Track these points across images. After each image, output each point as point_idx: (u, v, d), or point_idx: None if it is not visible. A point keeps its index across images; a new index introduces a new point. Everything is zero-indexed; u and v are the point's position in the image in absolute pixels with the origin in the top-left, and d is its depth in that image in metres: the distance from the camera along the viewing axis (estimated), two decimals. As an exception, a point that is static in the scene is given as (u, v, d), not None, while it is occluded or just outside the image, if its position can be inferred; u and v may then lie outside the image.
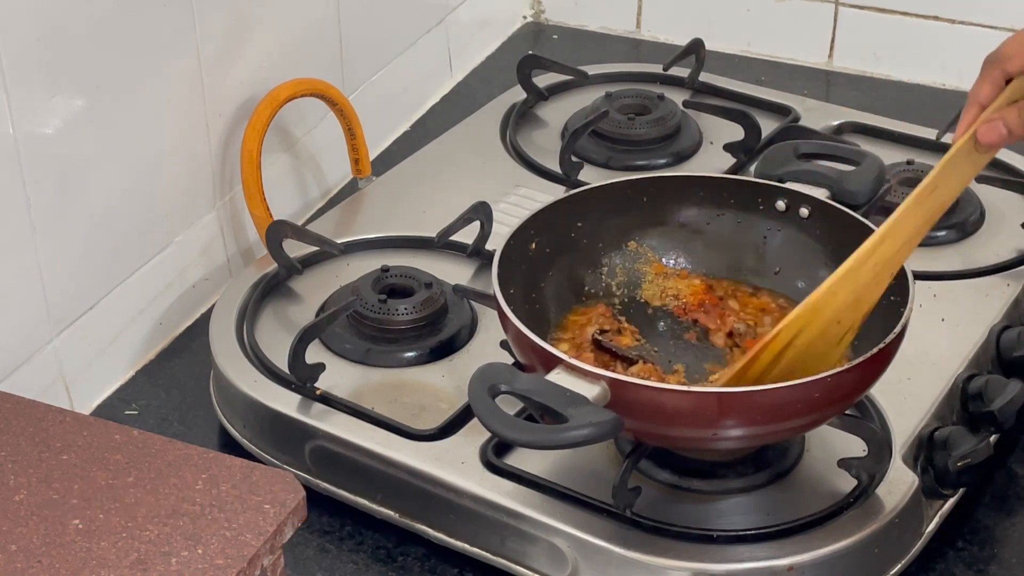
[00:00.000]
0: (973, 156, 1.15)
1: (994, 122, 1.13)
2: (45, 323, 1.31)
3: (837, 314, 1.16)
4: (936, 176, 1.15)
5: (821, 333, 1.16)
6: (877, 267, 1.15)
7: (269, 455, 1.29)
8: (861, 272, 1.15)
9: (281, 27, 1.56)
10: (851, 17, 1.91)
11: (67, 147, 1.29)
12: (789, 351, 1.15)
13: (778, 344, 1.15)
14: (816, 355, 1.16)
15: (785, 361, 1.15)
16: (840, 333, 1.17)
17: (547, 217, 1.28)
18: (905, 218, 1.15)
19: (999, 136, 1.13)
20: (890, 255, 1.15)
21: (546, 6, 2.07)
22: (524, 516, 1.18)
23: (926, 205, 1.16)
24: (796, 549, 1.14)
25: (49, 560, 0.95)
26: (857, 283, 1.15)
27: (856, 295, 1.16)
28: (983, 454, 1.21)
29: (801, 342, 1.15)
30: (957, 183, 1.16)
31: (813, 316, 1.15)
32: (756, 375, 1.16)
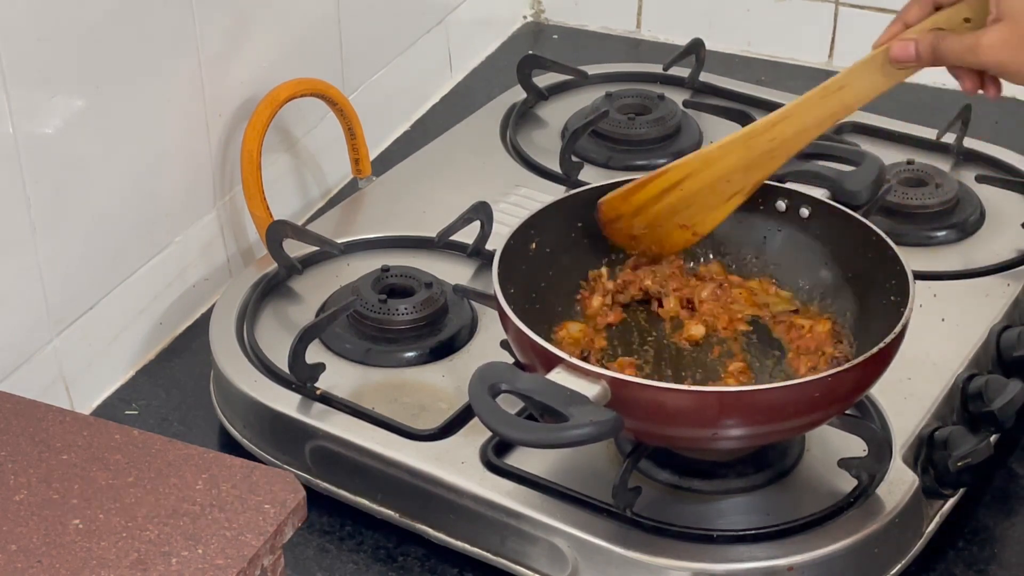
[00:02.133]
0: (886, 68, 1.20)
1: (908, 42, 1.18)
2: (45, 323, 1.31)
3: (727, 172, 1.25)
4: (846, 75, 1.21)
5: (710, 184, 1.26)
6: (773, 143, 1.24)
7: (269, 455, 1.29)
8: (755, 141, 1.24)
9: (281, 27, 1.56)
10: (851, 17, 1.91)
11: (67, 147, 1.29)
12: (675, 191, 1.26)
13: (667, 180, 1.26)
14: (702, 204, 1.26)
15: (670, 198, 1.26)
16: (728, 192, 1.26)
17: (547, 217, 1.28)
18: (808, 105, 1.23)
19: (907, 55, 1.18)
20: (788, 135, 1.23)
21: (546, 6, 2.07)
22: (524, 516, 1.18)
23: (830, 100, 1.22)
24: (796, 549, 1.14)
25: (49, 560, 0.95)
26: (750, 151, 1.24)
27: (748, 160, 1.25)
28: (983, 454, 1.21)
29: (688, 186, 1.26)
30: (864, 89, 1.21)
31: (703, 166, 1.25)
32: (639, 203, 1.26)
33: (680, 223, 1.28)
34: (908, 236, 1.47)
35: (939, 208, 1.50)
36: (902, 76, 1.21)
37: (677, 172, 1.26)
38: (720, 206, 1.27)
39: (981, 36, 1.15)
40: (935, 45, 1.17)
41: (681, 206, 1.27)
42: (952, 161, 1.61)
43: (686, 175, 1.26)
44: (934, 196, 1.51)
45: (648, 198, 1.27)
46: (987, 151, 1.62)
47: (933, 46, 1.18)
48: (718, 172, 1.26)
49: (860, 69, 1.21)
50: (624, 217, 1.28)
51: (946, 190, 1.51)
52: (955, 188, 1.52)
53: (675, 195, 1.26)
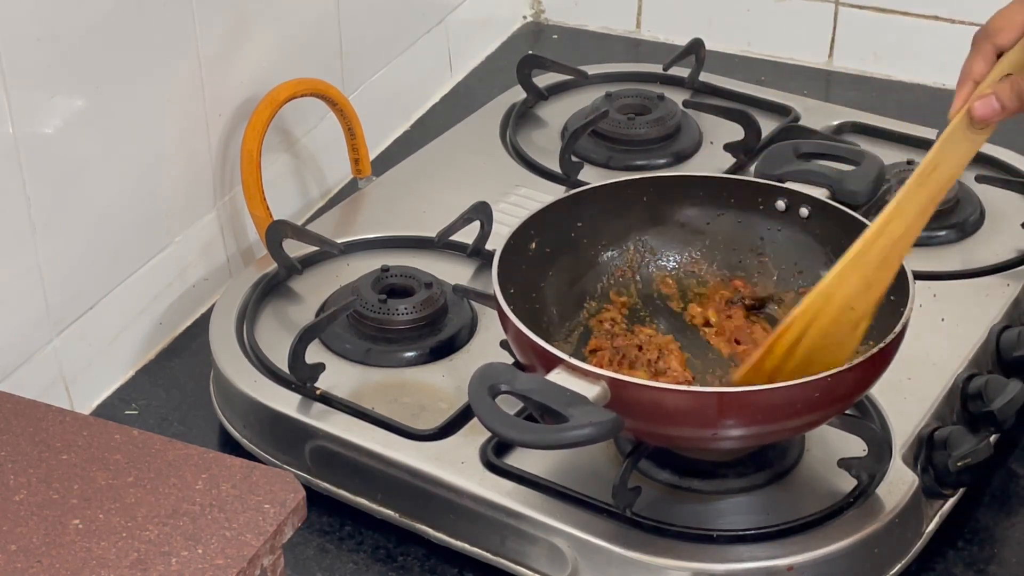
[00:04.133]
0: (970, 133, 1.15)
1: (987, 97, 1.14)
2: (45, 323, 1.31)
3: (849, 300, 1.16)
4: (935, 155, 1.15)
5: (834, 320, 1.16)
6: (884, 250, 1.15)
7: (269, 455, 1.29)
8: (869, 256, 1.16)
9: (281, 27, 1.56)
10: (851, 17, 1.91)
11: (67, 147, 1.29)
12: (804, 341, 1.16)
13: (792, 334, 1.16)
14: (832, 344, 1.16)
15: (801, 351, 1.16)
16: (855, 320, 1.16)
17: (547, 217, 1.28)
18: (909, 198, 1.15)
19: (993, 111, 1.14)
20: (896, 237, 1.15)
21: (546, 6, 2.07)
22: (524, 516, 1.18)
23: (928, 185, 1.15)
24: (796, 549, 1.14)
25: (49, 560, 0.95)
26: (866, 267, 1.16)
27: (866, 280, 1.16)
28: (983, 454, 1.21)
29: (815, 331, 1.16)
30: (957, 161, 1.16)
31: (824, 303, 1.16)
32: (772, 367, 1.16)
33: (816, 371, 1.12)
34: (908, 236, 1.47)
35: (939, 208, 1.49)
36: (987, 135, 1.16)
37: (801, 321, 1.16)
38: (849, 337, 1.17)
39: None
40: (1018, 90, 1.13)
41: (813, 353, 1.16)
42: (952, 161, 1.61)
43: (810, 320, 1.16)
44: (934, 196, 1.50)
45: (778, 361, 1.16)
46: (987, 151, 1.62)
47: (1017, 92, 1.13)
48: (840, 303, 1.16)
49: (946, 144, 1.15)
50: None
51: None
52: (955, 188, 1.52)
53: (804, 346, 1.16)
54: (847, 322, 1.16)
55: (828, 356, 1.15)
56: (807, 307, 1.16)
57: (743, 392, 1.12)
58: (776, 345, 1.16)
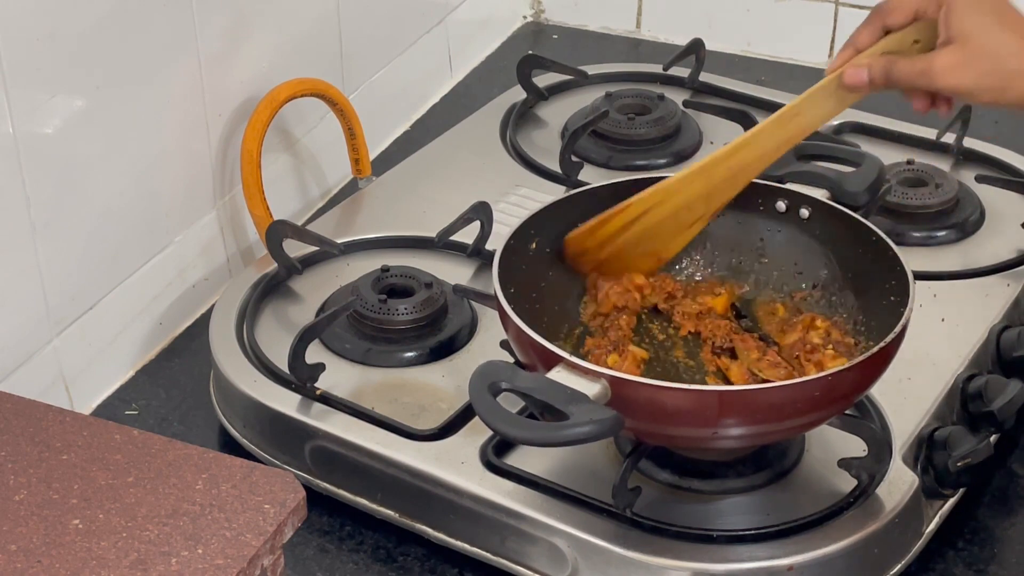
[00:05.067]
0: (839, 93, 1.22)
1: (861, 68, 1.20)
2: (45, 323, 1.31)
3: (689, 201, 1.27)
4: (801, 102, 1.23)
5: (672, 214, 1.27)
6: (732, 170, 1.26)
7: (269, 455, 1.29)
8: (716, 170, 1.26)
9: (281, 27, 1.56)
10: (851, 17, 1.91)
11: (67, 147, 1.29)
12: (638, 223, 1.27)
13: (629, 214, 1.27)
14: (665, 232, 1.28)
15: (634, 230, 1.27)
16: (690, 219, 1.28)
17: (547, 217, 1.28)
18: (767, 133, 1.25)
19: (860, 81, 1.20)
20: (747, 162, 1.25)
21: (546, 6, 2.07)
22: (524, 516, 1.18)
23: (787, 127, 1.24)
24: (796, 549, 1.14)
25: (49, 560, 0.95)
26: (711, 179, 1.26)
27: (709, 189, 1.27)
28: (983, 454, 1.21)
29: (650, 218, 1.27)
30: (819, 114, 1.24)
31: (665, 197, 1.27)
32: (603, 237, 1.27)
33: (644, 251, 1.29)
34: (908, 236, 1.47)
35: (939, 208, 1.50)
36: (854, 99, 1.23)
37: (640, 205, 1.27)
38: (683, 232, 1.29)
39: (933, 60, 1.16)
40: (888, 70, 1.19)
41: (644, 236, 1.28)
42: (952, 161, 1.61)
43: (648, 208, 1.27)
44: (934, 196, 1.51)
45: (612, 232, 1.27)
46: (987, 151, 1.62)
47: (886, 71, 1.19)
48: (679, 202, 1.27)
49: (814, 96, 1.23)
50: (589, 251, 1.29)
51: (946, 190, 1.51)
52: (955, 188, 1.52)
53: (638, 227, 1.27)
54: (683, 219, 1.28)
55: (657, 243, 1.29)
56: (648, 195, 1.27)
57: (743, 391, 1.12)
58: (613, 218, 1.26)
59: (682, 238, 1.29)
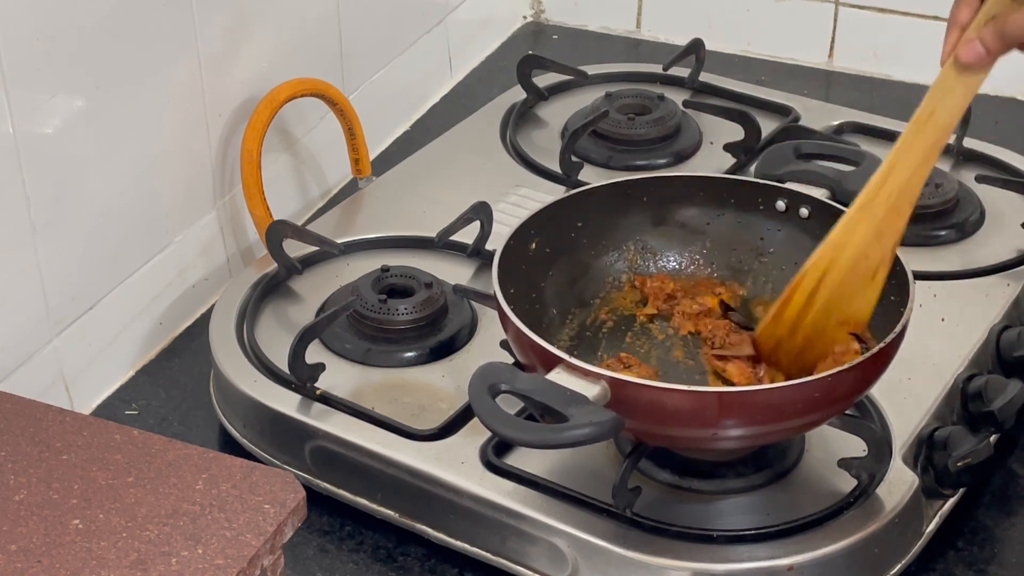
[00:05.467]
0: (963, 79, 1.15)
1: (972, 42, 1.13)
2: (45, 323, 1.31)
3: (862, 248, 1.18)
4: (929, 101, 1.16)
5: (851, 269, 1.18)
6: (891, 197, 1.17)
7: (269, 455, 1.29)
8: (875, 205, 1.17)
9: (281, 27, 1.56)
10: (851, 17, 1.91)
11: (67, 147, 1.29)
12: (822, 290, 1.18)
13: (807, 285, 1.18)
14: (851, 292, 1.18)
15: (819, 301, 1.18)
16: (871, 268, 1.18)
17: (547, 217, 1.28)
18: (908, 145, 1.16)
19: (978, 55, 1.13)
20: (902, 184, 1.16)
21: (546, 6, 2.07)
22: (524, 516, 1.18)
23: (926, 131, 1.16)
24: (796, 549, 1.14)
25: (49, 560, 0.95)
26: (874, 217, 1.17)
27: (876, 228, 1.17)
28: (983, 454, 1.21)
29: (832, 280, 1.18)
30: (954, 105, 1.16)
31: (836, 253, 1.18)
32: (792, 317, 1.19)
33: (838, 320, 1.19)
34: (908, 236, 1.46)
35: (939, 208, 1.50)
36: (981, 80, 1.15)
37: (814, 272, 1.18)
38: (869, 285, 1.19)
39: None
40: (1000, 32, 1.12)
41: (832, 303, 1.19)
42: (952, 161, 1.61)
43: (824, 271, 1.18)
44: (934, 196, 1.51)
45: (798, 310, 1.19)
46: (987, 151, 1.62)
47: (999, 34, 1.12)
48: (853, 253, 1.18)
49: (938, 89, 1.16)
50: (783, 341, 1.21)
51: (946, 190, 1.51)
52: (955, 188, 1.52)
53: (822, 295, 1.19)
54: (864, 270, 1.18)
55: (849, 305, 1.18)
56: (818, 258, 1.18)
57: (743, 392, 1.12)
58: (794, 296, 1.18)
59: (871, 292, 1.19)
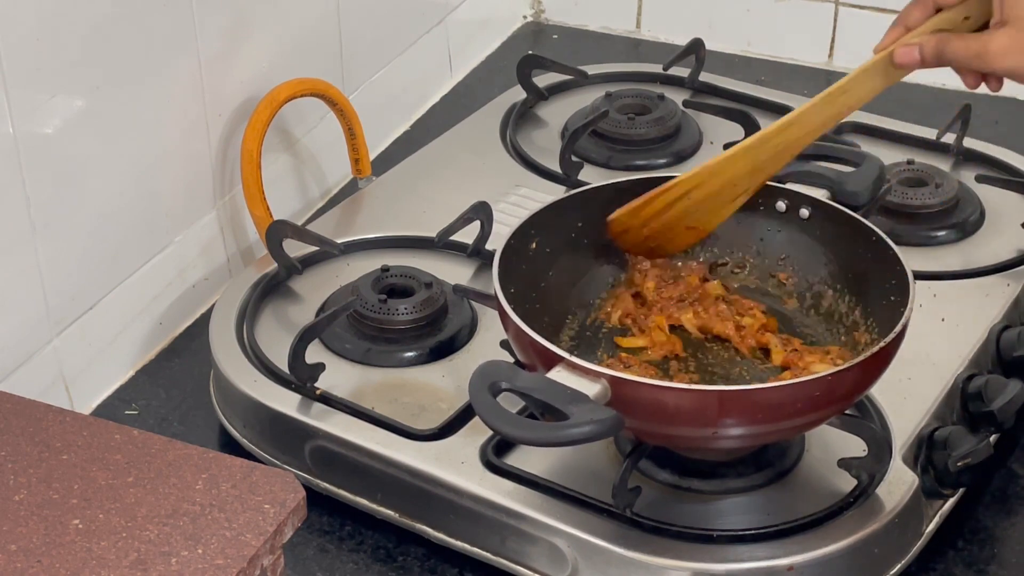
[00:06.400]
0: (888, 71, 1.22)
1: (912, 47, 1.19)
2: (45, 323, 1.31)
3: (734, 179, 1.27)
4: (850, 80, 1.23)
5: (717, 191, 1.28)
6: (779, 147, 1.26)
7: (269, 455, 1.29)
8: (763, 148, 1.26)
9: (281, 27, 1.56)
10: (851, 17, 1.91)
11: (67, 147, 1.29)
12: (683, 201, 1.28)
13: (673, 194, 1.28)
14: (708, 207, 1.29)
15: (678, 207, 1.28)
16: (734, 194, 1.28)
17: (547, 217, 1.28)
18: (814, 110, 1.25)
19: (912, 60, 1.20)
20: (793, 139, 1.26)
21: (546, 6, 2.07)
22: (524, 516, 1.18)
23: (834, 104, 1.25)
24: (796, 549, 1.14)
25: (49, 560, 0.95)
26: (758, 156, 1.27)
27: (755, 165, 1.27)
28: (983, 454, 1.21)
29: (696, 195, 1.28)
30: (868, 91, 1.24)
31: (710, 177, 1.27)
32: (647, 216, 1.28)
33: (687, 225, 1.30)
34: (908, 236, 1.47)
35: (939, 208, 1.50)
36: (901, 76, 1.22)
37: (684, 185, 1.27)
38: (726, 206, 1.29)
39: (988, 42, 1.15)
40: (940, 49, 1.18)
41: (688, 213, 1.29)
42: (952, 161, 1.61)
43: (692, 187, 1.27)
44: (934, 196, 1.51)
45: (655, 211, 1.28)
46: (987, 151, 1.62)
47: (938, 50, 1.18)
48: (725, 179, 1.27)
49: (863, 74, 1.22)
50: (632, 230, 1.30)
51: (946, 190, 1.51)
52: (955, 188, 1.52)
53: (682, 204, 1.28)
54: (727, 195, 1.28)
55: (701, 217, 1.29)
56: (693, 174, 1.27)
57: (743, 391, 1.12)
58: (657, 199, 1.28)
59: (725, 211, 1.30)
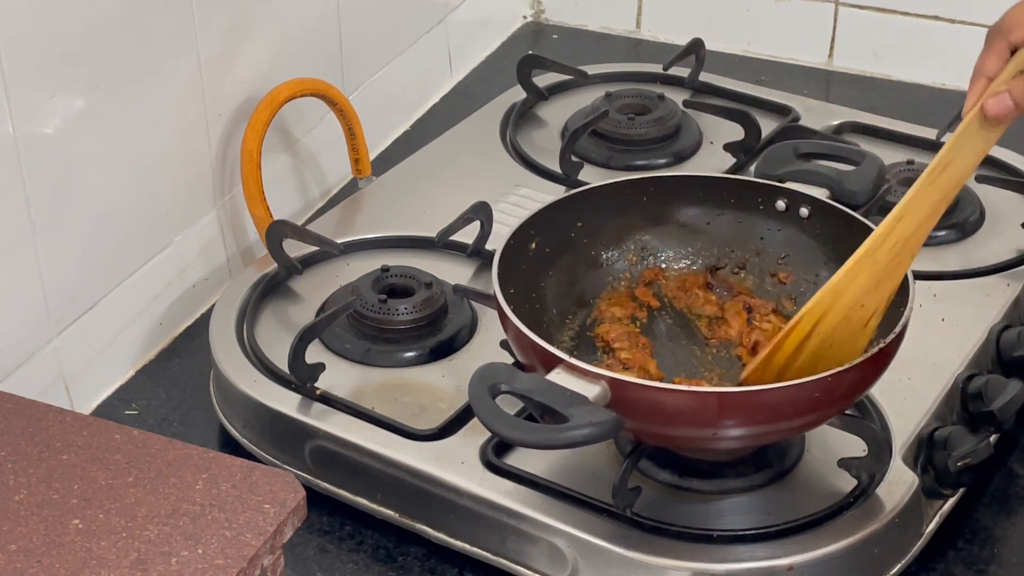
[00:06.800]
0: (984, 130, 1.13)
1: (1001, 95, 1.11)
2: (45, 323, 1.31)
3: (859, 298, 1.16)
4: (947, 153, 1.14)
5: (844, 318, 1.16)
6: (895, 248, 1.15)
7: (269, 455, 1.29)
8: (879, 254, 1.15)
9: (281, 27, 1.56)
10: (851, 17, 1.91)
11: (67, 147, 1.29)
12: (813, 337, 1.17)
13: (801, 331, 1.17)
14: (841, 340, 1.17)
15: (810, 348, 1.17)
16: (865, 317, 1.17)
17: (547, 217, 1.28)
18: (920, 197, 1.14)
19: (1006, 108, 1.11)
20: (907, 235, 1.15)
21: (546, 6, 2.07)
22: (524, 516, 1.18)
23: (939, 183, 1.14)
24: (796, 549, 1.14)
25: (49, 560, 0.95)
26: (876, 265, 1.16)
27: (876, 277, 1.16)
28: (983, 454, 1.21)
29: (824, 328, 1.16)
30: (970, 158, 1.14)
31: (833, 301, 1.16)
32: (781, 363, 1.17)
33: (825, 368, 1.13)
34: (908, 236, 1.47)
35: (939, 208, 1.50)
36: (1000, 132, 1.13)
37: (810, 318, 1.16)
38: (860, 332, 1.18)
39: None
40: None
41: (822, 350, 1.17)
42: (952, 161, 1.61)
43: (820, 317, 1.16)
44: (934, 196, 1.50)
45: (788, 356, 1.17)
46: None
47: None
48: (850, 300, 1.16)
49: (959, 141, 1.13)
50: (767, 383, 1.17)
51: (946, 190, 1.51)
52: (956, 188, 1.52)
53: (814, 342, 1.17)
54: (857, 319, 1.17)
55: (838, 352, 1.16)
56: (816, 303, 1.16)
57: (743, 392, 1.12)
58: (786, 342, 1.17)
59: (862, 339, 1.17)
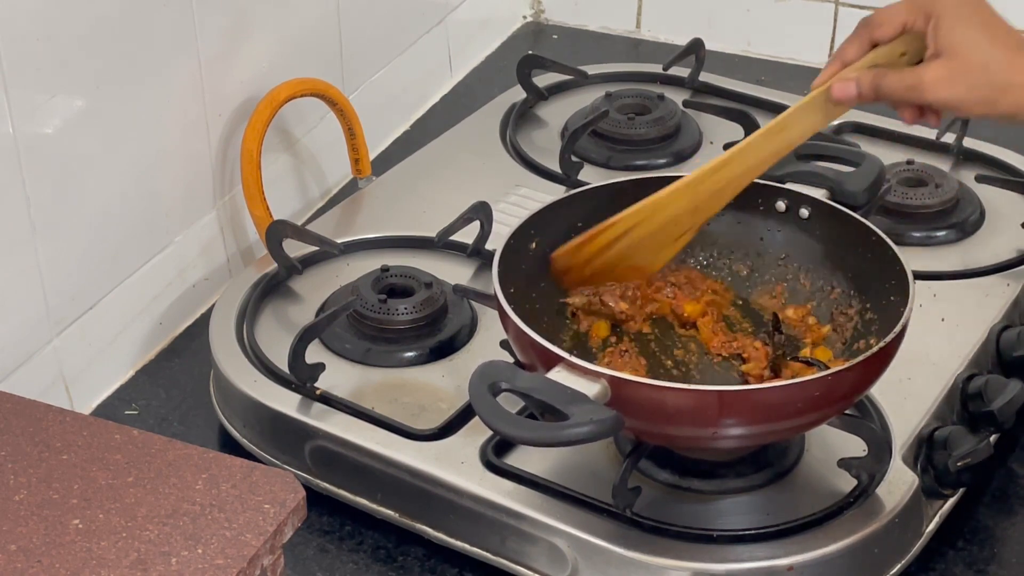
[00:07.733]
0: (826, 107, 1.22)
1: (849, 81, 1.20)
2: (45, 323, 1.31)
3: (675, 215, 1.26)
4: (788, 117, 1.23)
5: (659, 229, 1.26)
6: (720, 183, 1.25)
7: (269, 455, 1.29)
8: (703, 185, 1.25)
9: (281, 27, 1.56)
10: (851, 17, 1.90)
11: (67, 147, 1.29)
12: (625, 239, 1.26)
13: (615, 231, 1.26)
14: (650, 247, 1.27)
15: (620, 246, 1.26)
16: (676, 233, 1.28)
17: (547, 217, 1.28)
18: (753, 147, 1.25)
19: (849, 95, 1.20)
20: (733, 176, 1.25)
21: (546, 6, 2.07)
22: (524, 516, 1.18)
23: (774, 141, 1.24)
24: (796, 549, 1.14)
25: (49, 560, 0.95)
26: (698, 194, 1.26)
27: (696, 203, 1.26)
28: (983, 454, 1.21)
29: (637, 234, 1.26)
30: (807, 127, 1.24)
31: (652, 213, 1.26)
32: (589, 255, 1.26)
33: (629, 266, 1.28)
34: (908, 236, 1.47)
35: (939, 208, 1.50)
36: (841, 112, 1.23)
37: (626, 222, 1.26)
38: (669, 245, 1.28)
39: (923, 73, 1.16)
40: (877, 83, 1.19)
41: (630, 251, 1.27)
42: (952, 161, 1.61)
43: (634, 224, 1.26)
44: (934, 196, 1.51)
45: (598, 249, 1.27)
46: (987, 151, 1.62)
47: (875, 84, 1.19)
48: (666, 217, 1.26)
49: (801, 110, 1.22)
50: (574, 268, 1.28)
51: (946, 190, 1.51)
52: (955, 188, 1.52)
53: (624, 242, 1.26)
54: (669, 233, 1.27)
55: (644, 257, 1.27)
56: (636, 211, 1.25)
57: (743, 391, 1.12)
58: (599, 236, 1.26)
59: (668, 251, 1.28)
